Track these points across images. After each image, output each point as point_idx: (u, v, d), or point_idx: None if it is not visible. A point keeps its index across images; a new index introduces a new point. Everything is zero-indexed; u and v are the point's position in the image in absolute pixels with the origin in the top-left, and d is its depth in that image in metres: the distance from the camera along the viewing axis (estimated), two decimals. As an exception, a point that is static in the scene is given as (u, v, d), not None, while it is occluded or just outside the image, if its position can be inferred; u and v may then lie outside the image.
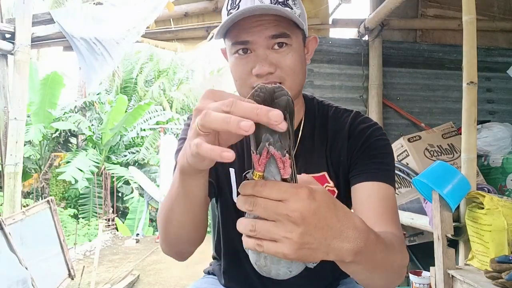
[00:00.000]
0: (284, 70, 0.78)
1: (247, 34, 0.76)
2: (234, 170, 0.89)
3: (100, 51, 3.31)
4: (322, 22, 3.39)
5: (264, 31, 0.76)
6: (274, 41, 0.77)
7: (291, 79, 0.79)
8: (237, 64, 0.80)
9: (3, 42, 3.22)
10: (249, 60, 0.78)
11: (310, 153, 0.88)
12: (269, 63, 0.76)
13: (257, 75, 0.77)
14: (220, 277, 1.02)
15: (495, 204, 1.39)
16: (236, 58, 0.80)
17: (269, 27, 0.76)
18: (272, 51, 0.77)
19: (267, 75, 0.77)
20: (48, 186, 8.91)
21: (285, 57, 0.78)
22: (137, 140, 10.47)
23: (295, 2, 0.79)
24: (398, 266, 0.64)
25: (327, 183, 0.87)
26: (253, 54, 0.78)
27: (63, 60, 20.32)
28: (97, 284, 3.61)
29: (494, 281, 1.23)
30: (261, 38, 0.76)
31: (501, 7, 3.40)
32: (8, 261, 2.57)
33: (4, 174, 3.15)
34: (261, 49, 0.77)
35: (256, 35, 0.76)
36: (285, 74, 0.78)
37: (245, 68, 0.78)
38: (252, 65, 0.77)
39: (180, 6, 3.39)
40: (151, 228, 9.15)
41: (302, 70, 0.83)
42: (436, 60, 3.25)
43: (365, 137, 0.85)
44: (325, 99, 1.00)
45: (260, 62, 0.76)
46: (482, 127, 2.52)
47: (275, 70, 0.77)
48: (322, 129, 0.90)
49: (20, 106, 3.24)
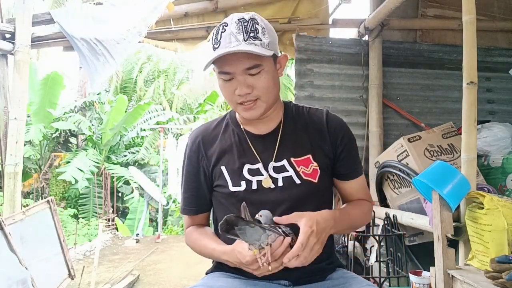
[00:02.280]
0: (259, 89, 1.01)
1: (228, 66, 1.00)
2: (225, 167, 1.10)
3: (102, 52, 3.31)
4: (322, 22, 3.40)
5: (240, 65, 0.99)
6: (249, 72, 1.00)
7: (265, 96, 1.03)
8: (223, 86, 1.05)
9: (3, 42, 3.22)
10: (231, 84, 1.02)
11: (293, 141, 1.11)
12: (247, 86, 1.00)
13: (238, 95, 1.01)
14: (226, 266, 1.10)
15: (495, 204, 1.39)
16: (222, 82, 1.04)
17: (243, 60, 0.98)
18: (249, 76, 1.00)
19: (246, 95, 1.01)
20: (48, 186, 8.91)
21: (259, 80, 1.01)
22: (137, 140, 10.47)
23: (264, 32, 1.00)
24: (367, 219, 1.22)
25: (311, 163, 1.09)
26: (234, 80, 1.01)
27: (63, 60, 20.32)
28: (97, 284, 3.61)
29: (494, 281, 1.23)
30: (238, 70, 0.99)
31: (501, 7, 3.40)
32: (8, 261, 2.57)
33: (4, 174, 3.15)
34: (239, 76, 1.00)
35: (235, 68, 0.99)
36: (260, 93, 1.02)
37: (230, 90, 1.03)
38: (234, 87, 1.01)
39: (180, 6, 3.39)
40: (151, 228, 9.16)
41: (275, 85, 1.06)
42: (436, 60, 3.25)
43: (343, 132, 1.13)
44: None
45: (240, 86, 1.00)
46: (482, 127, 2.52)
47: (252, 91, 1.01)
48: (302, 123, 1.14)
49: (20, 106, 3.24)
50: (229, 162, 1.10)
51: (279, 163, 1.08)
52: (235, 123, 1.15)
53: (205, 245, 1.10)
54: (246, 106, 1.03)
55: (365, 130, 3.15)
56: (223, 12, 3.42)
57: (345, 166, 1.13)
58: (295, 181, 1.06)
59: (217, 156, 1.11)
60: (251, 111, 1.04)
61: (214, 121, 1.20)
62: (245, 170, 1.08)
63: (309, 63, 3.16)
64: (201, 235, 1.13)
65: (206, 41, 3.43)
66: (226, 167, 1.10)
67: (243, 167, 1.08)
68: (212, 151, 1.12)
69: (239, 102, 1.03)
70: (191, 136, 1.18)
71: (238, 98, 1.02)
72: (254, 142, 1.11)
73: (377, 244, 2.35)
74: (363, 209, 1.16)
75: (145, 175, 8.27)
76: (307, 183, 1.06)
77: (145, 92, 12.17)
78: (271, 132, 1.11)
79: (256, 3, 3.33)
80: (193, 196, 1.16)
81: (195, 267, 4.68)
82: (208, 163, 1.12)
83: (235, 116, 1.16)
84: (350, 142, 1.14)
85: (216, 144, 1.13)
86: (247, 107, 1.03)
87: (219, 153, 1.12)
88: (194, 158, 1.15)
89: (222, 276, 1.11)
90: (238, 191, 1.07)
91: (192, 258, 5.03)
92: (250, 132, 1.12)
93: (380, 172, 2.62)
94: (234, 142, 1.12)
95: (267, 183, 1.06)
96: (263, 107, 1.04)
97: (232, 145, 1.12)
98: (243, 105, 1.03)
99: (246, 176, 1.07)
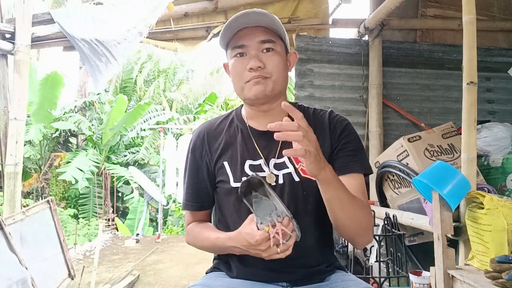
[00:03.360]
0: (270, 67, 1.04)
1: (243, 40, 1.04)
2: (227, 163, 1.10)
3: (103, 52, 3.31)
4: (322, 22, 3.40)
5: (256, 37, 1.03)
6: (263, 46, 1.04)
7: (276, 75, 1.05)
8: (235, 63, 1.06)
9: (3, 42, 3.22)
10: (244, 60, 1.04)
11: None
12: (259, 60, 1.03)
13: (250, 69, 1.02)
14: (225, 266, 1.12)
15: (495, 204, 1.39)
16: (235, 59, 1.06)
17: (259, 34, 1.03)
18: (262, 53, 1.04)
19: (258, 69, 1.02)
20: (48, 186, 8.91)
21: (271, 58, 1.04)
22: (137, 140, 10.46)
23: (277, 24, 1.05)
24: (366, 226, 1.02)
25: None
26: (247, 56, 1.04)
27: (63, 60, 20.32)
28: (97, 284, 3.61)
29: (494, 281, 1.23)
30: (253, 42, 1.03)
31: (501, 7, 3.40)
32: (8, 261, 2.57)
33: (4, 174, 3.15)
34: (253, 51, 1.03)
35: (250, 40, 1.03)
36: (271, 70, 1.04)
37: (242, 66, 1.04)
38: (247, 63, 1.03)
39: (180, 6, 3.39)
40: (151, 228, 9.15)
41: (284, 71, 1.08)
42: (436, 60, 3.25)
43: (342, 128, 1.11)
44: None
45: (253, 59, 1.02)
46: (482, 127, 2.52)
47: (264, 66, 1.03)
48: None
49: (20, 106, 3.24)
50: (232, 157, 1.11)
51: (280, 159, 1.08)
52: (240, 119, 1.15)
53: (208, 236, 1.09)
54: (256, 80, 1.03)
55: (365, 130, 3.15)
56: (223, 12, 3.42)
57: (340, 159, 1.08)
58: (294, 178, 1.06)
59: (220, 151, 1.12)
60: (260, 85, 1.03)
61: (219, 118, 1.21)
62: (247, 166, 1.08)
63: (309, 63, 3.16)
64: (203, 229, 1.13)
65: (206, 41, 3.43)
66: (229, 162, 1.10)
67: (245, 162, 1.08)
68: (216, 147, 1.13)
69: (250, 79, 1.03)
70: (195, 132, 1.19)
71: (249, 75, 1.03)
72: (257, 138, 1.11)
73: (377, 244, 2.35)
74: (361, 203, 1.04)
75: (145, 175, 8.25)
76: (306, 180, 1.06)
77: (145, 92, 12.16)
78: None
79: (256, 3, 3.33)
80: (196, 191, 1.15)
81: (195, 267, 4.68)
82: (211, 158, 1.13)
83: (240, 112, 1.17)
84: (348, 136, 1.11)
85: (220, 139, 1.14)
86: (256, 81, 1.03)
87: (222, 149, 1.12)
88: (198, 153, 1.15)
89: (221, 276, 1.11)
90: (239, 187, 1.07)
91: (192, 258, 5.03)
92: (254, 128, 1.12)
93: (380, 172, 2.62)
94: (237, 138, 1.12)
95: (271, 179, 1.06)
96: (271, 86, 1.04)
97: (235, 141, 1.12)
98: (253, 80, 1.03)
99: (247, 172, 1.07)
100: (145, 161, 9.98)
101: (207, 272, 1.17)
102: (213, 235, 1.08)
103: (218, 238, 1.04)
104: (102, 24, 3.38)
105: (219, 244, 1.04)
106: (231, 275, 1.10)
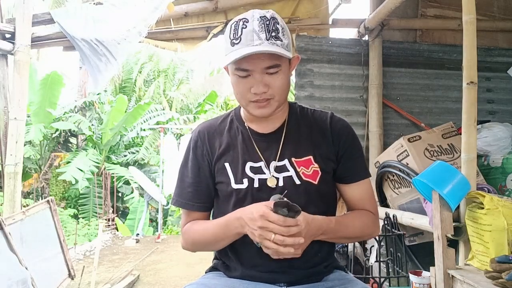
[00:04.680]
0: (274, 89, 1.02)
1: (248, 64, 0.99)
2: (228, 164, 1.10)
3: (103, 52, 3.31)
4: (322, 22, 3.40)
5: (261, 63, 0.99)
6: (268, 70, 1.00)
7: (279, 96, 1.04)
8: (238, 82, 1.03)
9: (3, 42, 3.22)
10: (248, 81, 1.01)
11: (296, 142, 1.10)
12: (264, 85, 1.00)
13: (254, 93, 1.01)
14: (224, 267, 1.11)
15: (495, 204, 1.39)
16: (237, 78, 1.03)
17: (264, 60, 0.98)
18: (266, 75, 1.01)
19: (262, 93, 1.01)
20: (48, 186, 8.91)
21: (276, 79, 1.01)
22: (137, 140, 10.46)
23: (284, 33, 1.01)
24: (371, 231, 1.14)
25: (312, 164, 1.08)
26: (251, 77, 1.01)
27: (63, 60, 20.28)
28: (97, 284, 3.61)
29: (494, 281, 1.23)
30: (258, 68, 0.99)
31: (501, 7, 3.40)
32: (8, 261, 2.57)
33: (4, 174, 3.15)
34: (257, 75, 1.00)
35: (254, 66, 0.99)
36: (275, 92, 1.02)
37: (245, 87, 1.02)
38: (250, 85, 1.01)
39: (180, 6, 3.39)
40: (151, 228, 9.14)
41: (288, 85, 1.07)
42: (436, 60, 3.25)
43: (346, 135, 1.12)
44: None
45: (257, 84, 1.00)
46: (482, 127, 2.52)
47: (268, 90, 1.01)
48: (306, 124, 1.13)
49: (20, 106, 3.24)
50: (233, 159, 1.10)
51: (281, 162, 1.07)
52: (240, 121, 1.15)
53: (206, 227, 1.09)
54: (260, 104, 1.03)
55: (365, 130, 3.15)
56: (223, 12, 3.42)
57: (346, 168, 1.11)
58: (295, 181, 1.06)
59: (221, 152, 1.11)
60: (263, 109, 1.03)
61: (220, 118, 1.20)
62: (248, 168, 1.08)
63: (309, 63, 3.16)
64: (202, 224, 1.12)
65: (206, 41, 3.43)
66: (230, 164, 1.09)
67: (245, 164, 1.08)
68: (217, 146, 1.12)
69: (253, 100, 1.02)
70: (195, 131, 1.17)
71: (253, 96, 1.02)
72: (257, 140, 1.10)
73: (377, 244, 2.35)
74: (364, 221, 1.11)
75: (145, 175, 8.25)
76: (307, 184, 1.05)
77: (145, 92, 12.15)
78: (275, 131, 1.11)
79: (256, 3, 3.32)
80: (198, 190, 1.12)
81: (195, 267, 4.68)
82: (212, 158, 1.12)
83: (239, 113, 1.16)
84: (353, 144, 1.13)
85: (221, 140, 1.13)
86: (260, 105, 1.03)
87: (224, 149, 1.11)
88: (199, 152, 1.13)
89: (219, 276, 1.11)
90: (240, 188, 1.06)
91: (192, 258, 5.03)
92: (254, 130, 1.12)
93: (380, 172, 2.62)
94: (238, 140, 1.12)
95: (272, 182, 1.06)
96: (275, 106, 1.04)
97: (236, 142, 1.12)
98: (256, 103, 1.03)
99: (248, 173, 1.07)
100: (145, 161, 9.98)
101: (206, 272, 1.17)
102: (211, 223, 1.08)
103: (218, 223, 1.05)
104: (102, 24, 3.38)
105: (223, 224, 1.03)
106: (230, 275, 1.09)
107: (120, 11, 3.45)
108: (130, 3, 3.46)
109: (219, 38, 3.37)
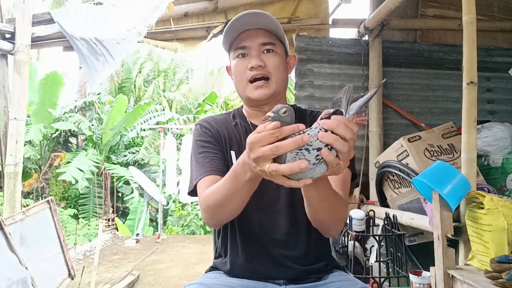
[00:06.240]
0: (270, 67, 1.09)
1: (245, 41, 1.09)
2: (234, 152, 1.12)
3: (101, 52, 3.31)
4: (322, 22, 3.40)
5: (257, 39, 1.09)
6: (264, 47, 1.09)
7: (275, 76, 1.10)
8: (237, 63, 1.11)
9: (3, 42, 3.22)
10: (246, 60, 1.10)
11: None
12: (260, 60, 1.08)
13: (251, 68, 1.08)
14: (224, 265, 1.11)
15: (495, 204, 1.39)
16: (237, 60, 1.11)
17: (260, 36, 1.09)
18: (263, 54, 1.09)
19: (258, 67, 1.07)
20: (48, 186, 8.91)
21: (271, 59, 1.09)
22: (137, 140, 10.46)
23: (276, 23, 1.10)
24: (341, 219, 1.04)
25: None
26: (249, 56, 1.10)
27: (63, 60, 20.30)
28: (97, 284, 3.61)
29: (494, 281, 1.23)
30: (255, 44, 1.09)
31: (501, 7, 3.40)
32: (8, 261, 2.57)
33: (4, 174, 3.15)
34: (254, 51, 1.09)
35: (252, 42, 1.09)
36: (271, 70, 1.09)
37: (243, 66, 1.09)
38: (248, 62, 1.09)
39: (180, 6, 3.39)
40: (151, 228, 9.14)
41: (284, 72, 1.13)
42: (436, 60, 3.25)
43: None
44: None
45: (254, 59, 1.08)
46: (482, 127, 2.52)
47: (265, 65, 1.08)
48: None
49: (20, 106, 3.24)
50: (238, 147, 1.13)
51: None
52: (242, 117, 1.19)
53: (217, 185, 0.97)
54: (258, 84, 1.08)
55: (365, 130, 3.15)
56: (223, 12, 3.42)
57: None
58: None
59: (226, 141, 1.14)
60: (261, 89, 1.08)
61: (221, 115, 1.24)
62: None
63: (309, 63, 3.16)
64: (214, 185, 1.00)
65: (206, 41, 3.43)
66: (236, 152, 1.12)
67: None
68: (222, 134, 1.15)
69: (251, 79, 1.08)
70: (199, 121, 1.19)
71: (250, 74, 1.08)
72: None
73: (377, 244, 2.35)
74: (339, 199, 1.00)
75: (145, 175, 8.26)
76: None
77: (145, 92, 12.15)
78: None
79: (256, 3, 3.33)
80: (215, 160, 1.08)
81: (195, 267, 4.69)
82: (220, 142, 1.14)
83: (241, 110, 1.21)
84: None
85: (225, 130, 1.16)
86: (258, 85, 1.08)
87: (229, 138, 1.15)
88: (208, 134, 1.13)
89: (219, 275, 1.11)
90: None
91: (192, 258, 5.03)
92: (256, 125, 1.14)
93: (380, 172, 2.62)
94: (241, 131, 1.16)
95: None
96: (272, 88, 1.09)
97: (240, 136, 1.15)
98: (255, 84, 1.08)
99: None
100: (145, 161, 9.98)
101: (206, 272, 1.17)
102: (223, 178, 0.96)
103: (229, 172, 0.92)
104: (102, 24, 3.38)
105: (231, 176, 0.91)
106: (229, 274, 1.10)
107: (120, 11, 3.45)
108: (130, 3, 3.46)
109: (219, 38, 3.37)
